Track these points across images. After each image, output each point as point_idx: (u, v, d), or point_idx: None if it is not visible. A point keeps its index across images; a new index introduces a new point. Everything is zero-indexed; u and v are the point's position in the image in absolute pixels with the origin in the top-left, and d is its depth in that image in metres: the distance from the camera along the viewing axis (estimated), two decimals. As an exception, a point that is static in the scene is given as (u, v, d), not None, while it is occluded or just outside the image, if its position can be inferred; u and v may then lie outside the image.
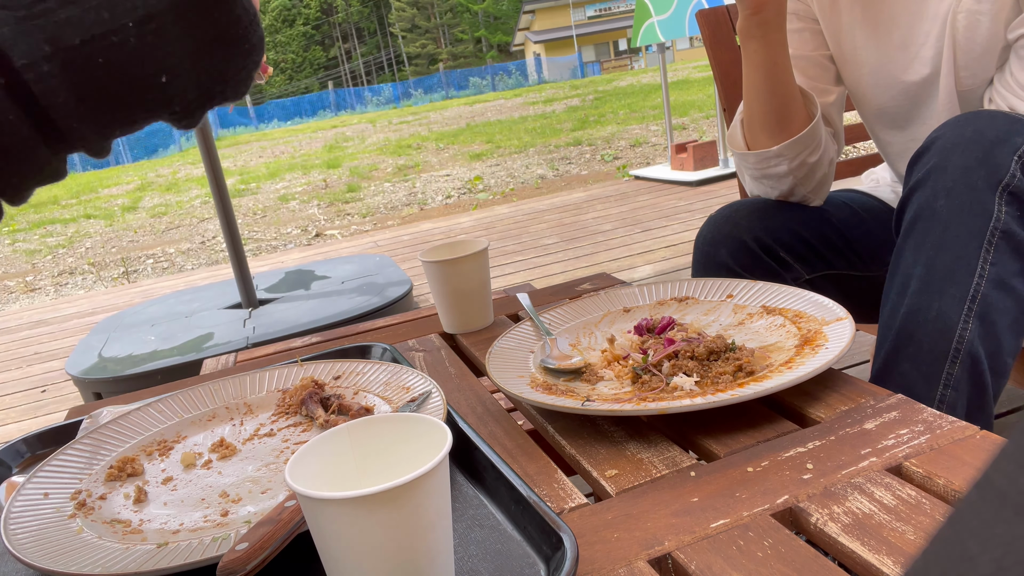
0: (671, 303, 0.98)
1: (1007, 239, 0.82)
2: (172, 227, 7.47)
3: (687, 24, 4.53)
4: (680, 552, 0.52)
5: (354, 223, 6.12)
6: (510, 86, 35.04)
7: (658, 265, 3.29)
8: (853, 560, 0.50)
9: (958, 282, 0.82)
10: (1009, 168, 0.82)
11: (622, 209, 4.60)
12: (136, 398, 0.99)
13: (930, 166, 0.87)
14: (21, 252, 7.32)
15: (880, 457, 0.60)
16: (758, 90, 1.08)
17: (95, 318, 3.91)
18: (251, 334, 2.56)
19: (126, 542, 0.62)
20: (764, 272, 1.09)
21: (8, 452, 0.86)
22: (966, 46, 1.01)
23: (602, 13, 44.31)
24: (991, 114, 0.87)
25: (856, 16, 1.12)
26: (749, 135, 1.13)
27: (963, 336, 0.81)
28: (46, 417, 2.64)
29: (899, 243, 0.90)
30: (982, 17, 0.99)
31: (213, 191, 2.78)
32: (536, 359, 0.87)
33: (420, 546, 0.46)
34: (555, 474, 0.67)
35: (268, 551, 0.52)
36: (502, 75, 37.65)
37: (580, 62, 38.69)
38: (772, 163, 1.11)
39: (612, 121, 10.67)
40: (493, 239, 4.36)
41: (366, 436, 0.53)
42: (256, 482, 0.70)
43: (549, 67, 39.11)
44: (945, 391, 0.83)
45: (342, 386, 0.87)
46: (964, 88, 1.04)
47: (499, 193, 6.40)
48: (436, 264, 1.05)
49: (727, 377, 0.74)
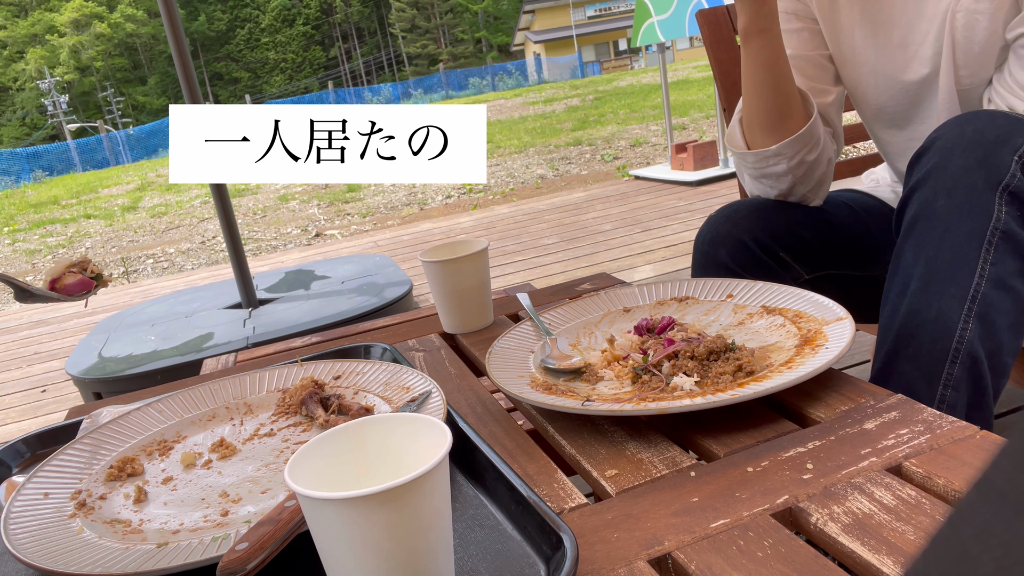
0: (671, 303, 0.98)
1: (1007, 239, 0.82)
2: (172, 227, 7.46)
3: (687, 24, 4.53)
4: (680, 552, 0.52)
5: (354, 223, 6.12)
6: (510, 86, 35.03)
7: (658, 265, 3.29)
8: (853, 560, 0.50)
9: (958, 282, 0.82)
10: (1009, 168, 0.82)
11: (622, 209, 4.60)
12: (136, 398, 0.99)
13: (930, 166, 0.87)
14: (21, 252, 7.32)
15: (880, 457, 0.60)
16: (760, 87, 1.08)
17: (95, 318, 3.91)
18: (251, 334, 2.56)
19: (126, 542, 0.62)
20: (764, 272, 1.09)
21: (8, 452, 0.86)
22: (965, 45, 1.01)
23: (602, 13, 44.30)
24: (991, 114, 0.87)
25: (855, 16, 1.12)
26: (748, 134, 1.13)
27: (963, 336, 0.81)
28: (46, 417, 2.64)
29: (899, 243, 0.90)
30: (980, 16, 0.99)
31: (213, 191, 2.78)
32: (536, 359, 0.87)
33: (420, 546, 0.46)
34: (555, 474, 0.67)
35: (268, 551, 0.52)
36: (502, 75, 37.65)
37: (580, 62, 38.69)
38: (771, 162, 1.11)
39: (612, 121, 10.67)
40: (493, 239, 4.36)
41: (366, 436, 0.53)
42: (256, 482, 0.70)
43: (549, 67, 39.10)
44: (945, 391, 0.82)
45: (342, 386, 0.87)
46: (964, 87, 1.04)
47: (499, 193, 6.40)
48: (436, 264, 1.05)
49: (727, 377, 0.74)
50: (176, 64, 2.60)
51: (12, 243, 8.01)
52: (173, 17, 2.57)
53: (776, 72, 1.07)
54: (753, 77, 1.08)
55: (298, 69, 61.67)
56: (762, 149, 1.10)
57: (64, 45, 52.73)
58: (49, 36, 53.66)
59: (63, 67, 52.76)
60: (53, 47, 53.30)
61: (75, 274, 0.88)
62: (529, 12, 45.72)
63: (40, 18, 53.67)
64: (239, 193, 9.11)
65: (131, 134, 23.77)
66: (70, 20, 52.72)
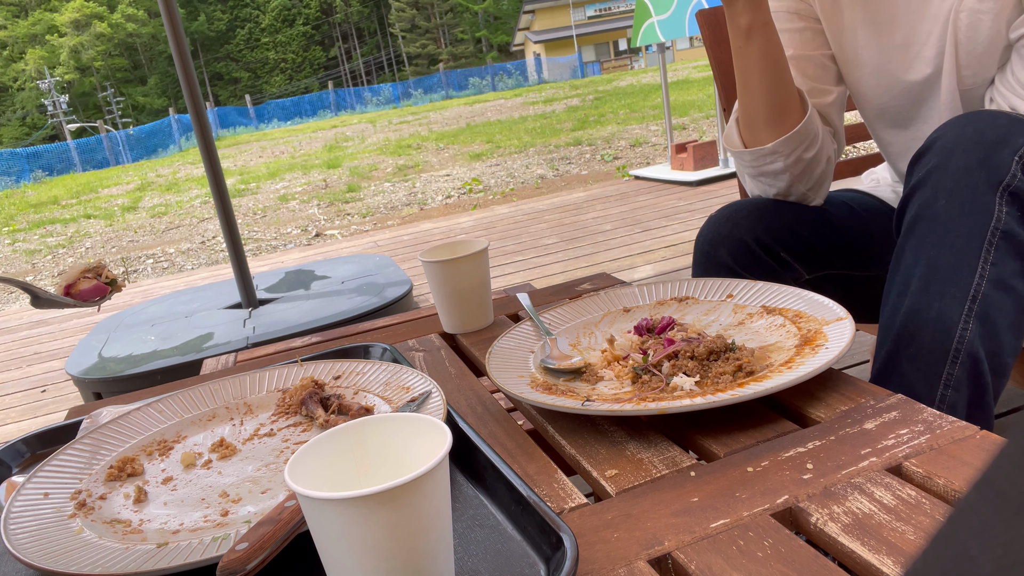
0: (671, 303, 0.98)
1: (1008, 239, 0.82)
2: (172, 227, 7.47)
3: (687, 24, 4.53)
4: (680, 552, 0.52)
5: (354, 223, 6.12)
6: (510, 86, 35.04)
7: (658, 265, 3.29)
8: (853, 560, 0.50)
9: (958, 282, 0.82)
10: (1010, 168, 0.82)
11: (622, 209, 4.60)
12: (136, 398, 0.99)
13: (931, 166, 0.87)
14: (21, 252, 7.32)
15: (880, 457, 0.60)
16: (766, 80, 1.07)
17: (95, 318, 3.91)
18: (251, 334, 2.56)
19: (126, 542, 0.62)
20: (764, 272, 1.09)
21: (8, 452, 0.86)
22: (968, 45, 1.01)
23: (602, 13, 44.30)
24: (992, 114, 0.87)
25: (857, 16, 1.12)
26: (746, 132, 1.13)
27: (963, 336, 0.81)
28: (46, 417, 2.64)
29: (900, 243, 0.90)
30: (984, 16, 0.98)
31: (213, 191, 2.78)
32: (536, 359, 0.87)
33: (420, 546, 0.46)
34: (555, 474, 0.67)
35: (268, 551, 0.52)
36: (502, 75, 37.66)
37: (580, 62, 38.68)
38: (768, 160, 1.11)
39: (612, 121, 10.67)
40: (493, 239, 4.36)
41: (366, 436, 0.53)
42: (256, 482, 0.70)
43: (549, 67, 39.10)
44: (945, 391, 0.82)
45: (342, 386, 0.87)
46: (966, 87, 1.04)
47: (499, 193, 6.40)
48: (436, 264, 1.05)
49: (727, 377, 0.74)
50: (176, 64, 2.61)
51: (12, 243, 8.01)
52: (173, 17, 2.57)
53: (779, 62, 1.06)
54: (757, 72, 1.07)
55: (298, 69, 61.67)
56: (759, 147, 1.10)
57: (64, 45, 52.74)
58: (49, 36, 53.67)
59: (63, 67, 52.77)
60: (53, 47, 53.31)
61: (90, 279, 0.88)
62: (529, 12, 45.72)
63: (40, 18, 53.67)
64: (239, 193, 9.12)
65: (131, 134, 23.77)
66: (70, 20, 52.73)
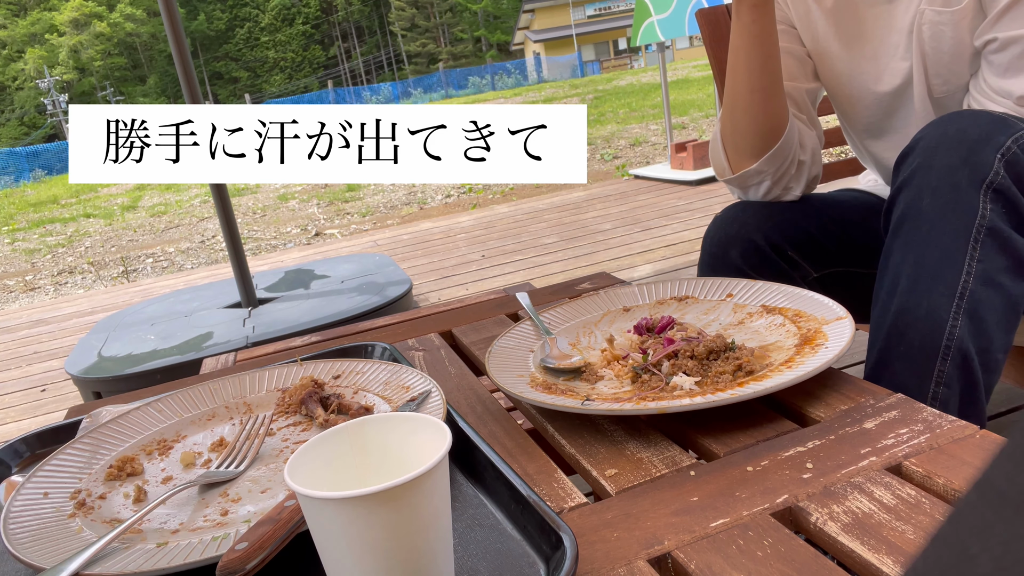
0: (671, 302, 0.98)
1: (993, 236, 0.83)
2: (172, 226, 7.46)
3: (687, 23, 4.53)
4: (680, 551, 0.52)
5: (354, 222, 6.12)
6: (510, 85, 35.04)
7: (658, 264, 3.29)
8: (853, 560, 0.50)
9: (946, 280, 0.83)
10: (992, 166, 0.83)
11: (622, 208, 4.60)
12: (136, 397, 0.99)
13: (915, 166, 0.88)
14: (21, 251, 7.32)
15: (880, 456, 0.60)
16: (761, 81, 1.06)
17: (95, 317, 3.91)
18: (251, 333, 2.56)
19: (126, 542, 0.62)
20: (773, 271, 1.09)
21: (8, 452, 0.86)
22: (934, 56, 1.03)
23: (602, 12, 44.28)
24: (974, 113, 0.88)
25: (830, 29, 1.14)
26: (732, 152, 1.13)
27: (953, 333, 0.82)
28: (46, 416, 2.64)
29: (887, 243, 0.91)
30: (944, 27, 1.00)
31: (213, 190, 2.78)
32: (536, 358, 0.87)
33: (420, 545, 0.46)
34: (555, 473, 0.67)
35: (268, 551, 0.52)
36: (501, 74, 37.66)
37: (580, 61, 38.70)
38: (752, 180, 1.12)
39: (612, 120, 10.67)
40: (493, 238, 4.36)
41: (366, 436, 0.53)
42: (256, 482, 0.70)
43: (549, 66, 39.10)
44: (937, 388, 0.83)
45: (342, 385, 0.87)
46: (938, 95, 1.05)
47: (499, 192, 6.40)
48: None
49: (727, 376, 0.74)
50: (176, 63, 2.60)
51: (12, 242, 8.01)
52: (173, 16, 2.57)
53: (776, 56, 1.06)
54: (761, 65, 1.05)
55: (298, 68, 61.64)
56: (744, 170, 1.11)
57: (63, 44, 52.70)
58: (48, 35, 53.64)
59: (62, 66, 52.73)
60: (52, 46, 53.28)
61: None
62: (529, 11, 45.70)
63: (39, 17, 53.65)
64: (239, 192, 9.11)
65: (131, 133, 23.72)
66: (69, 19, 52.70)
